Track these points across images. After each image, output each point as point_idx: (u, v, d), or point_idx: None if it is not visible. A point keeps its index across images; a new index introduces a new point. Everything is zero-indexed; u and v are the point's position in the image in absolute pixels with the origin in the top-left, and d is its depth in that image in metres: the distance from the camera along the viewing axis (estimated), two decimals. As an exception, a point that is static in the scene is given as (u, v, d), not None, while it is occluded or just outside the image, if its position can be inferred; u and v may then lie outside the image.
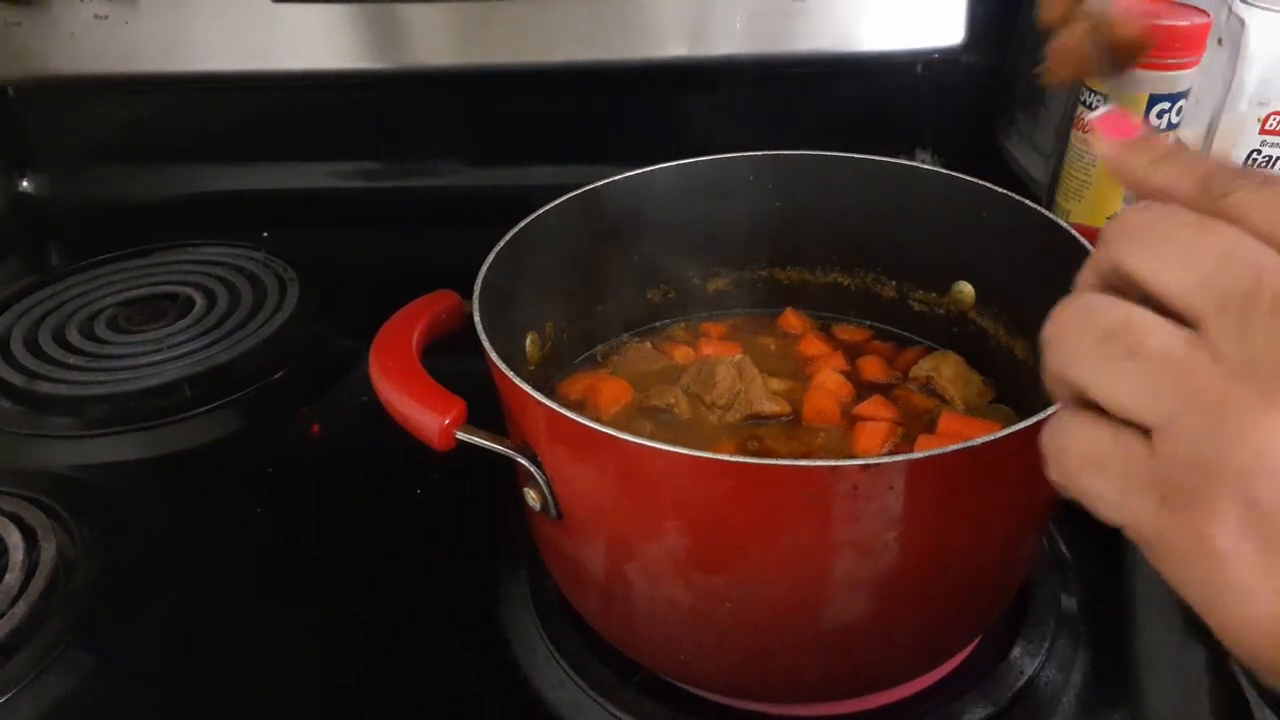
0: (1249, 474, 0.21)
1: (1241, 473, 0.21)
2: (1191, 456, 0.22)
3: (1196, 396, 0.22)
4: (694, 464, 0.38)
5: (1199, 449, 0.22)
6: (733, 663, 0.47)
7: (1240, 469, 0.21)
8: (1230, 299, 0.22)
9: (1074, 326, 0.25)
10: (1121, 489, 0.24)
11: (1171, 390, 0.23)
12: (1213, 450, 0.22)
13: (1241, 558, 0.21)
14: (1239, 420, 0.21)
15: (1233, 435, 0.21)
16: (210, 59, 0.94)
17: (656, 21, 0.91)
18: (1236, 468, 0.21)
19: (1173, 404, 0.23)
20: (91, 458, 0.70)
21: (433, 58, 0.94)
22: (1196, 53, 0.63)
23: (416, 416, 0.44)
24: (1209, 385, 0.22)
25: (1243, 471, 0.21)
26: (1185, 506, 0.22)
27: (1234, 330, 0.22)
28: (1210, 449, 0.22)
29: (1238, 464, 0.21)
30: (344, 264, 0.93)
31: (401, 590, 0.59)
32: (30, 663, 0.53)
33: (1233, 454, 0.21)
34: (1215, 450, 0.22)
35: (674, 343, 0.66)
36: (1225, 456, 0.21)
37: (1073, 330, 0.25)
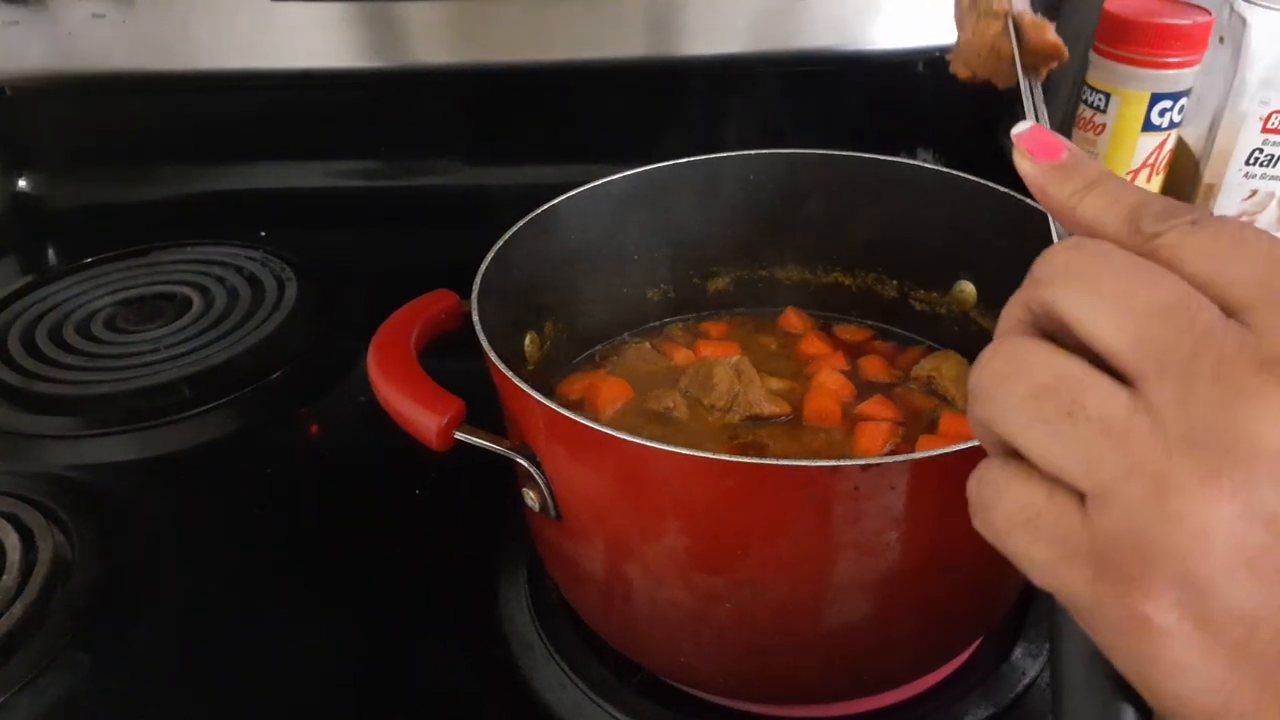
0: (1188, 554, 0.20)
1: (1181, 553, 0.20)
2: (1128, 531, 0.21)
3: (1135, 468, 0.21)
4: (694, 464, 0.38)
5: (1137, 524, 0.21)
6: (733, 663, 0.47)
7: (1179, 549, 0.20)
8: (1170, 362, 0.21)
9: (1004, 378, 0.24)
10: (1053, 556, 0.23)
11: (1109, 458, 0.21)
12: (1151, 527, 0.21)
13: (1179, 636, 0.21)
14: (1179, 497, 0.20)
15: (1172, 513, 0.20)
16: (208, 58, 0.94)
17: (656, 20, 0.91)
18: (1176, 547, 0.20)
19: (1110, 473, 0.21)
20: (89, 458, 0.70)
21: (431, 57, 0.94)
22: (1198, 51, 0.63)
23: (415, 416, 0.44)
24: (1148, 456, 0.21)
25: (1182, 551, 0.20)
26: (1121, 581, 0.21)
27: (1174, 397, 0.21)
28: (1148, 525, 0.21)
29: (1177, 543, 0.20)
30: (343, 264, 0.92)
31: (401, 590, 0.59)
32: (28, 663, 0.52)
33: (1172, 533, 0.20)
34: (1154, 527, 0.21)
35: (674, 343, 0.65)
36: (1164, 535, 0.20)
37: (1003, 382, 0.24)
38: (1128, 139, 0.67)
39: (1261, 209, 0.71)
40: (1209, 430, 0.20)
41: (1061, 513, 0.23)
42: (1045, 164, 0.27)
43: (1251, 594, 0.20)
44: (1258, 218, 0.71)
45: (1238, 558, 0.20)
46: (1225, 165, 0.69)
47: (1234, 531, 0.20)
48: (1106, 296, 0.22)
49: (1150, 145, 0.67)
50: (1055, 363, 0.23)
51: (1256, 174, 0.69)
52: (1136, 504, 0.21)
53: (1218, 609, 0.20)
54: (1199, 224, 0.22)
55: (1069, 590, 0.23)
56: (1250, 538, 0.20)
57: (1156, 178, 0.69)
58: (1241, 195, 0.70)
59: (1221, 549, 0.20)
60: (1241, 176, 0.69)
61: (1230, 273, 0.21)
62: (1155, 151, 0.67)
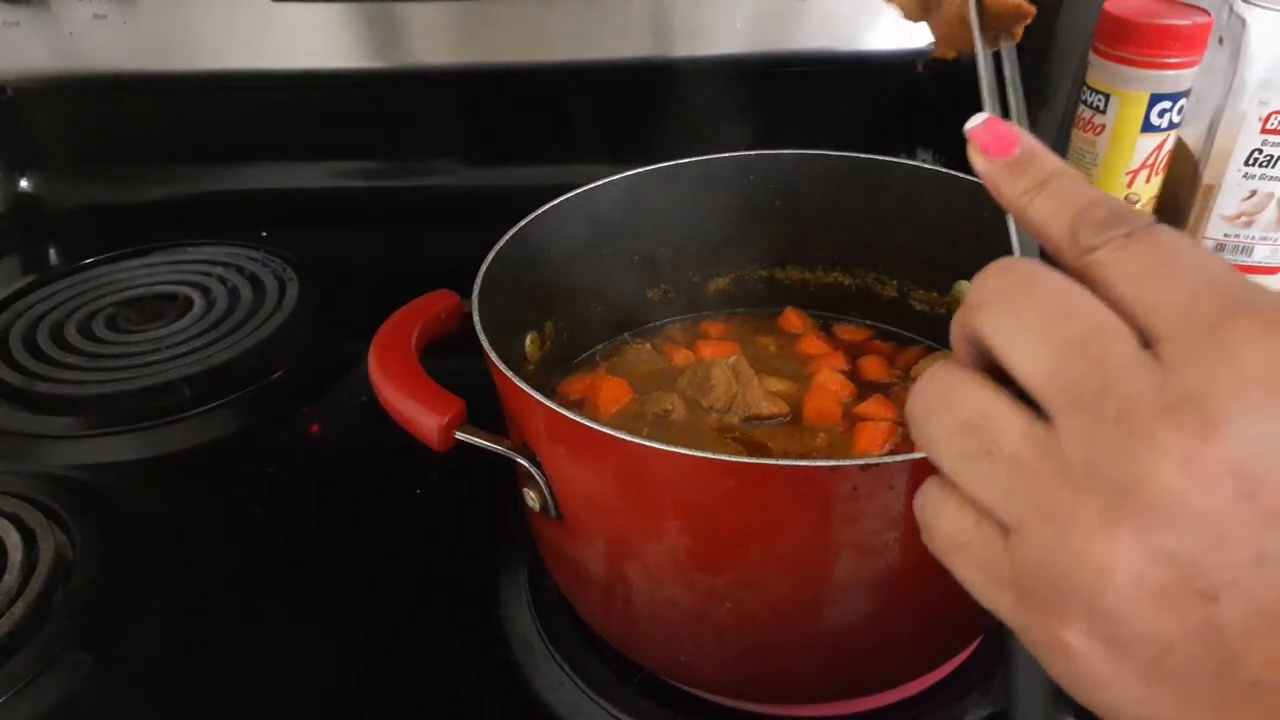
0: (1093, 590, 0.21)
1: (1086, 588, 0.21)
2: (1041, 564, 0.22)
3: (1043, 507, 0.22)
4: (694, 464, 0.38)
5: (1047, 559, 0.22)
6: (733, 663, 0.47)
7: (1085, 584, 0.21)
8: (1080, 399, 0.21)
9: (934, 409, 0.24)
10: (983, 580, 0.24)
11: (1021, 496, 0.22)
12: (1059, 562, 0.21)
13: (1095, 658, 0.22)
14: (1081, 537, 0.21)
15: (1076, 551, 0.21)
16: (210, 58, 0.94)
17: (656, 20, 0.91)
18: (1081, 583, 0.21)
19: (1023, 510, 0.22)
20: (90, 458, 0.70)
21: (432, 57, 0.94)
22: (1198, 52, 0.63)
23: (415, 416, 0.44)
24: (1055, 496, 0.21)
25: (1087, 587, 0.21)
26: (1039, 608, 0.22)
27: (1080, 435, 0.21)
28: (1057, 561, 0.21)
29: (1082, 580, 0.21)
30: (343, 264, 0.93)
31: (401, 590, 0.59)
32: (29, 663, 0.53)
33: (1077, 570, 0.21)
34: (1061, 563, 0.21)
35: (674, 343, 0.66)
36: (1070, 571, 0.21)
37: (932, 414, 0.24)
38: (1127, 140, 0.67)
39: (1260, 209, 0.71)
40: (1109, 473, 0.20)
41: (987, 541, 0.24)
42: (999, 161, 0.26)
43: (1158, 622, 0.20)
44: (1257, 218, 0.71)
45: (1141, 592, 0.20)
46: (1224, 166, 0.70)
47: (1135, 569, 0.20)
48: (1028, 326, 0.22)
49: (1150, 146, 0.67)
50: (979, 398, 0.23)
51: (1255, 174, 0.69)
52: (1046, 541, 0.22)
53: (1127, 636, 0.21)
54: (1133, 237, 0.22)
55: (999, 611, 0.24)
56: (1152, 575, 0.20)
57: (1156, 178, 0.69)
58: (1240, 196, 0.70)
59: (1124, 585, 0.20)
60: (1241, 177, 0.69)
61: (1153, 298, 0.21)
62: (1154, 152, 0.67)
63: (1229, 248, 0.73)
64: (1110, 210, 0.23)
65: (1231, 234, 0.72)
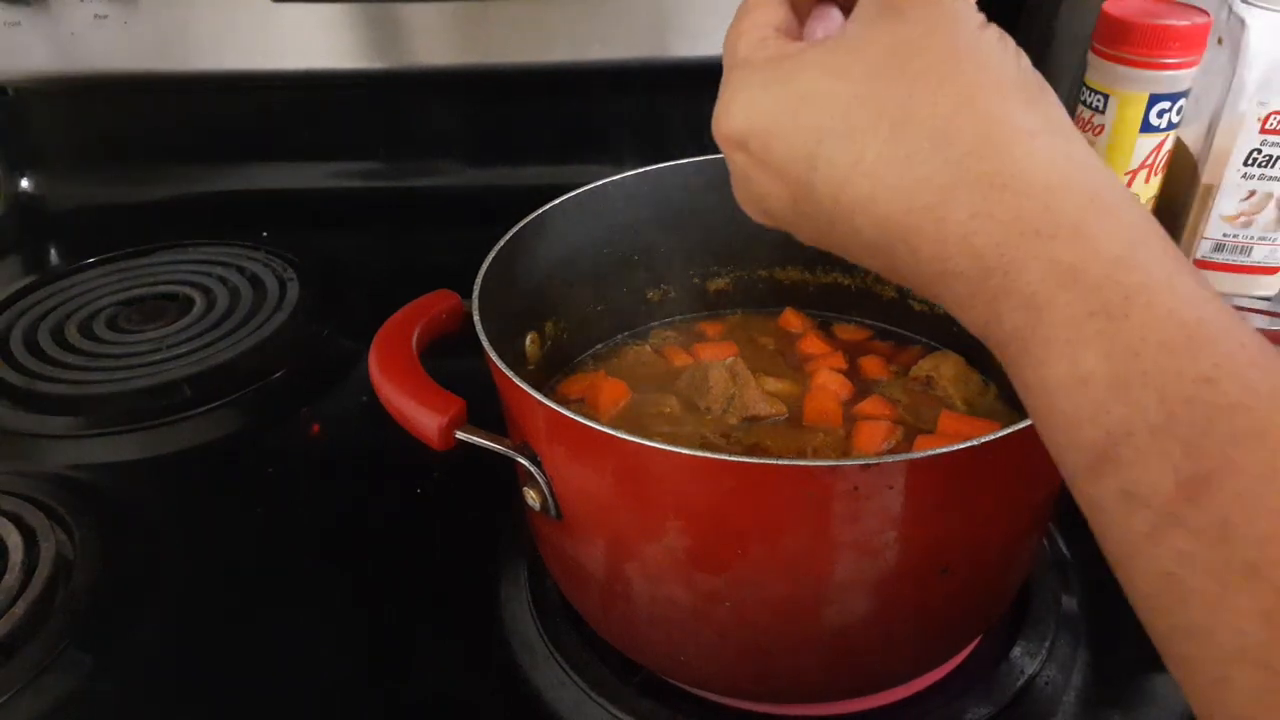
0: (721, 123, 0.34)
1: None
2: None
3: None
4: (694, 464, 0.38)
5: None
6: (733, 663, 0.47)
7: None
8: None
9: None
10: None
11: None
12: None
13: (761, 180, 0.34)
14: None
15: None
16: (210, 59, 0.94)
17: (656, 21, 0.91)
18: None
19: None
20: (91, 458, 0.70)
21: (432, 57, 0.94)
22: (1197, 52, 0.63)
23: (416, 416, 0.44)
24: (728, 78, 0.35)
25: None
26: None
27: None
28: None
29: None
30: (344, 264, 0.93)
31: (401, 590, 0.59)
32: (30, 663, 0.53)
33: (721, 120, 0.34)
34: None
35: (673, 343, 0.66)
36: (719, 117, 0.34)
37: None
38: (1126, 140, 0.67)
39: (1259, 209, 0.71)
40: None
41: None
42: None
43: (769, 182, 0.33)
44: (1256, 218, 0.71)
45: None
46: (1223, 166, 0.70)
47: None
48: None
49: (1149, 146, 0.67)
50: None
51: (1255, 174, 0.69)
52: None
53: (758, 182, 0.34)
54: None
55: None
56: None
57: (1155, 178, 0.69)
58: (1239, 196, 0.70)
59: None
60: (1240, 177, 0.69)
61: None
62: (1154, 152, 0.67)
63: (1228, 248, 0.73)
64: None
65: (1230, 234, 0.72)
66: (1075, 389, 0.25)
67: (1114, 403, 0.24)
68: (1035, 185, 0.27)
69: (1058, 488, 0.46)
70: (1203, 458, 0.23)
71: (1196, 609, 0.23)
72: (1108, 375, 0.25)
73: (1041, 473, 0.44)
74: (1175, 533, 0.23)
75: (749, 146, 0.32)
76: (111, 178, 1.05)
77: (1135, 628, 0.26)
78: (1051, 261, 0.26)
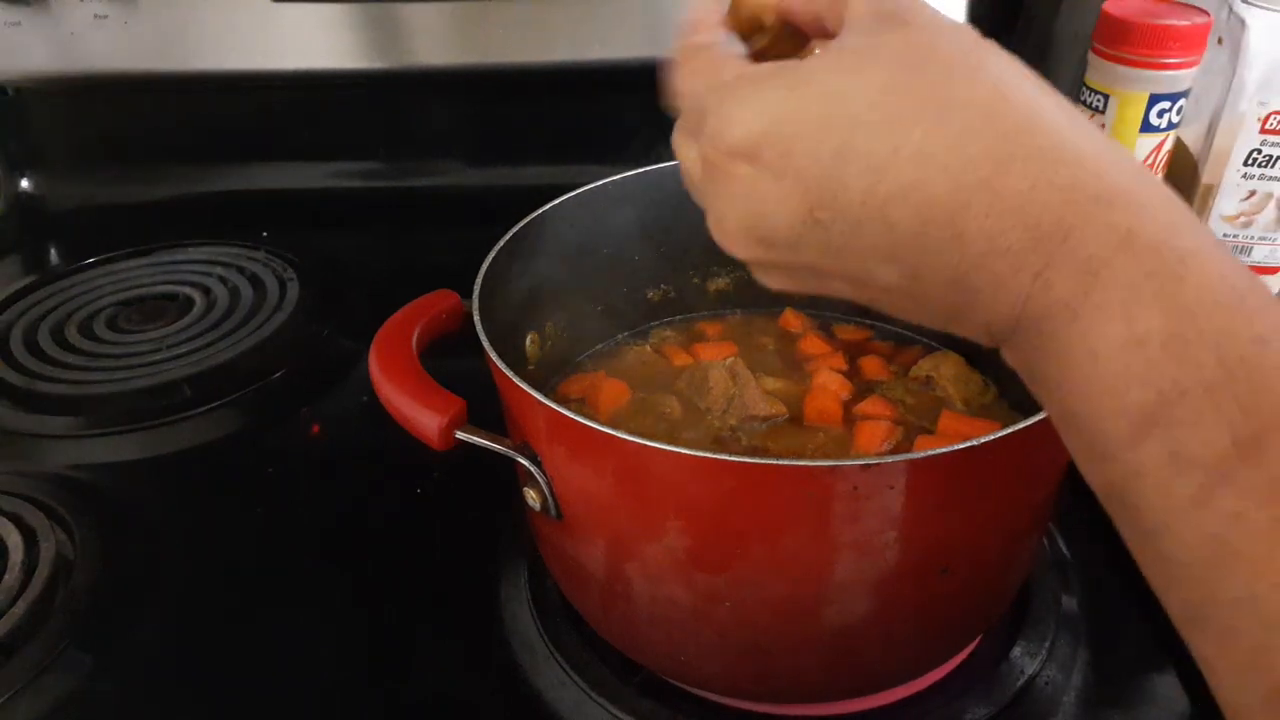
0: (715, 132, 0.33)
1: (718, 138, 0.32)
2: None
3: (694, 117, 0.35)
4: (694, 464, 0.38)
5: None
6: (733, 663, 0.47)
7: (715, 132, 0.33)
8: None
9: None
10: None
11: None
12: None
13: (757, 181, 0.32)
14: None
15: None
16: (210, 58, 0.94)
17: (656, 20, 0.91)
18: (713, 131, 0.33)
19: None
20: (91, 458, 0.70)
21: (432, 57, 0.94)
22: (1197, 52, 0.63)
23: (416, 416, 0.44)
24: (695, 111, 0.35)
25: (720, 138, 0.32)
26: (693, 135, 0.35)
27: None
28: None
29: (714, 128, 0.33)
30: (344, 264, 0.93)
31: (401, 590, 0.59)
32: (30, 663, 0.53)
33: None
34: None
35: (673, 343, 0.66)
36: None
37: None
38: (1126, 140, 0.67)
39: (1259, 210, 0.71)
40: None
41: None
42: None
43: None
44: (1256, 218, 0.71)
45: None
46: (1223, 166, 0.70)
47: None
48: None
49: (1149, 146, 0.67)
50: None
51: (1255, 175, 0.69)
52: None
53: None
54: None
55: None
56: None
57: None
58: (1240, 196, 0.70)
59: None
60: (1240, 177, 0.70)
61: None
62: (1154, 152, 0.67)
63: (1228, 248, 0.73)
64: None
65: (1231, 234, 0.72)
66: (1129, 350, 0.25)
67: (1169, 362, 0.24)
68: (1086, 158, 0.27)
69: (1058, 488, 0.46)
70: (1257, 417, 0.23)
71: (1242, 574, 0.23)
72: (1164, 334, 0.25)
73: (1042, 473, 0.44)
74: (1225, 493, 0.23)
75: (761, 154, 0.30)
76: (111, 178, 1.05)
77: (1135, 628, 0.26)
78: (1110, 225, 0.26)
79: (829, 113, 0.29)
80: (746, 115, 0.31)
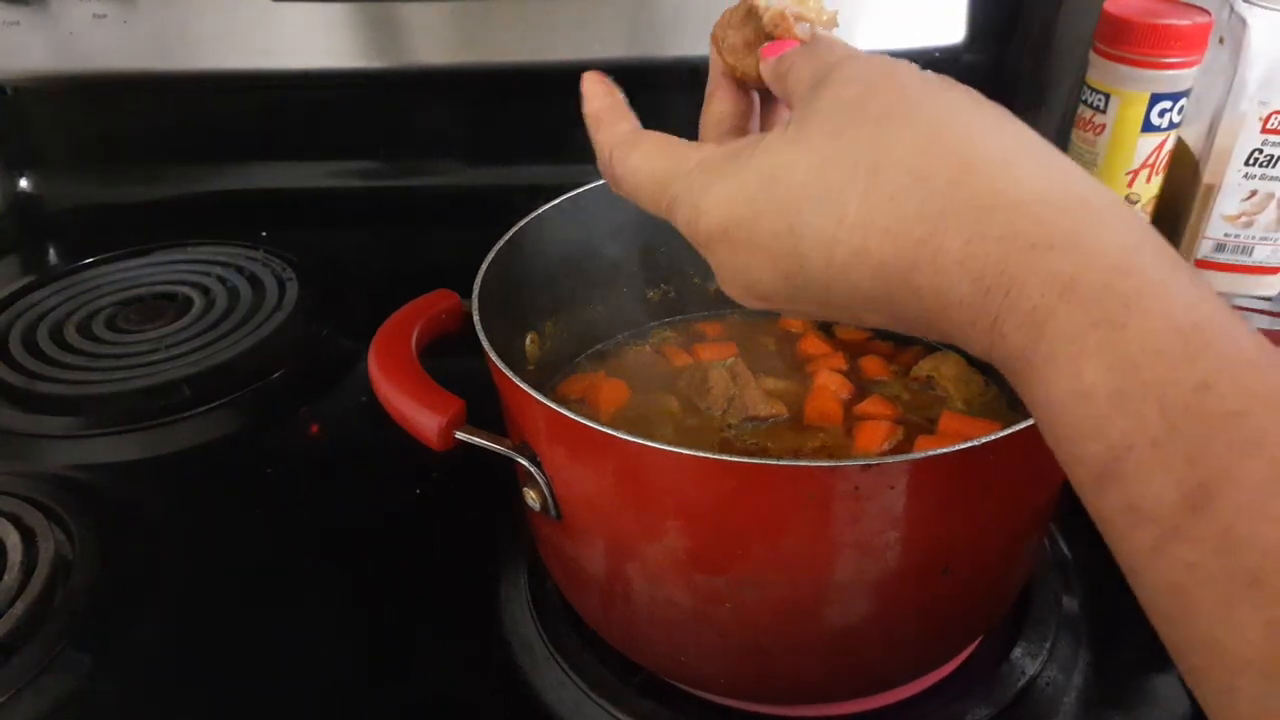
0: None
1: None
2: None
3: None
4: (694, 464, 0.38)
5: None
6: (733, 663, 0.47)
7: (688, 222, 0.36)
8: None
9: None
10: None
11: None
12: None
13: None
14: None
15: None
16: (210, 58, 0.94)
17: (656, 20, 0.91)
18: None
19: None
20: (90, 458, 0.70)
21: (433, 57, 0.94)
22: (1198, 52, 0.63)
23: (415, 416, 0.44)
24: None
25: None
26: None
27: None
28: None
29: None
30: (343, 264, 0.93)
31: (401, 590, 0.59)
32: (29, 663, 0.53)
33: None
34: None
35: (673, 343, 0.66)
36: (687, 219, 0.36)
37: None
38: (1127, 139, 0.67)
39: (1261, 209, 0.71)
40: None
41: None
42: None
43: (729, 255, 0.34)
44: (1257, 218, 0.71)
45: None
46: (1225, 166, 0.69)
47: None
48: None
49: (1150, 146, 0.67)
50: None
51: (1256, 174, 0.69)
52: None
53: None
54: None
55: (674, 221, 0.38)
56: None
57: (1156, 178, 0.69)
58: (1241, 196, 0.70)
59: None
60: (1241, 177, 0.69)
61: None
62: (1155, 152, 0.67)
63: (1229, 248, 0.73)
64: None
65: (1232, 234, 0.72)
66: (1078, 403, 0.25)
67: (1116, 416, 0.24)
68: (1024, 200, 0.27)
69: (1058, 488, 0.46)
70: (1203, 468, 0.23)
71: (1203, 621, 0.23)
72: (1109, 388, 0.24)
73: (1042, 473, 0.44)
74: (1179, 546, 0.23)
75: (732, 237, 0.33)
76: (111, 178, 1.05)
77: (1136, 628, 0.26)
78: (1050, 274, 0.26)
79: (778, 193, 0.31)
80: (707, 204, 0.33)
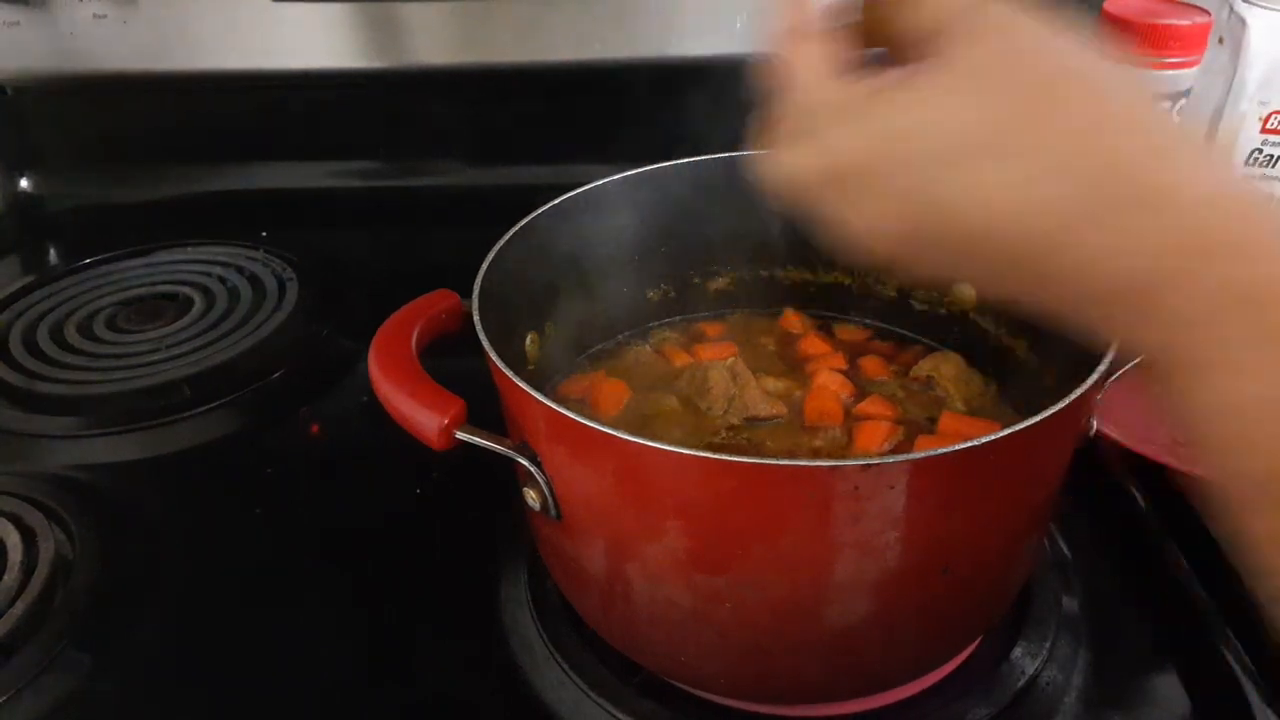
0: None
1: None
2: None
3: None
4: (694, 464, 0.38)
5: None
6: (733, 663, 0.47)
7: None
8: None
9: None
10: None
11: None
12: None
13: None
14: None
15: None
16: (210, 58, 0.94)
17: (656, 21, 0.91)
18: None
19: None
20: (90, 458, 0.70)
21: (433, 57, 0.94)
22: (1198, 52, 0.63)
23: (415, 416, 0.44)
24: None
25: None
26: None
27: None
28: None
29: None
30: (343, 264, 0.93)
31: (401, 590, 0.59)
32: (29, 663, 0.53)
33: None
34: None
35: (673, 343, 0.66)
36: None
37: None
38: (1127, 139, 0.67)
39: (1261, 209, 0.71)
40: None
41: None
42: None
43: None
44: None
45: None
46: (1225, 166, 0.70)
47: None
48: None
49: (1150, 146, 0.67)
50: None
51: (1256, 174, 0.69)
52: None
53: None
54: None
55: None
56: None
57: (1156, 178, 0.69)
58: (1241, 196, 0.70)
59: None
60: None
61: None
62: (1155, 152, 0.67)
63: None
64: None
65: (1231, 234, 0.72)
66: (1246, 414, 0.24)
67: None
68: (1183, 201, 0.25)
69: (1059, 488, 0.46)
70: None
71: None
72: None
73: (1043, 473, 0.44)
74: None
75: (846, 183, 0.31)
76: (111, 178, 1.05)
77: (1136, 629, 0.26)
78: (1219, 280, 0.24)
79: (914, 144, 0.29)
80: (830, 144, 0.31)
